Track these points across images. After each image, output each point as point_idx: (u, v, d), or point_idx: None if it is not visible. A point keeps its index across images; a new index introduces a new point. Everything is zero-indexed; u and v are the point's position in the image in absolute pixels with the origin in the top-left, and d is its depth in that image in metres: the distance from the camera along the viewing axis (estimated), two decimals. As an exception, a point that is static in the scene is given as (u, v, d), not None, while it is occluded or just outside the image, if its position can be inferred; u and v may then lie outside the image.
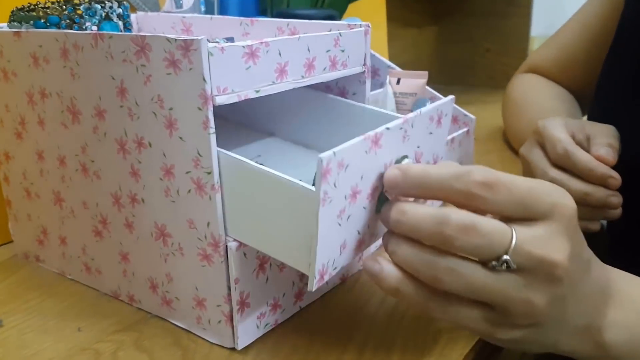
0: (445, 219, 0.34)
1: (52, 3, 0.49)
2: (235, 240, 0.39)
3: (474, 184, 0.34)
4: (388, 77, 0.70)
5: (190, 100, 0.37)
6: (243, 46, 0.38)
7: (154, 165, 0.41)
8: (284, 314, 0.45)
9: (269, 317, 0.44)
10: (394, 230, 0.37)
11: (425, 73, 0.68)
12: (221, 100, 0.37)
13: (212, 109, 0.37)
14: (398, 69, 0.74)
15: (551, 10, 1.42)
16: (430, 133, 0.44)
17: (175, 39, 0.36)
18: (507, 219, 0.35)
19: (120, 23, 0.51)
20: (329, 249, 0.36)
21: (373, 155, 0.37)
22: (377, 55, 0.75)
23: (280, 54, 0.41)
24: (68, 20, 0.48)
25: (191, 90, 0.37)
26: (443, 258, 0.35)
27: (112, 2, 0.50)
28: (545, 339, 0.37)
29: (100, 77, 0.42)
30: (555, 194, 0.35)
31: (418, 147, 0.43)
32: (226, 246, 0.39)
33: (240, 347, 0.42)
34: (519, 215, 0.34)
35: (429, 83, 0.71)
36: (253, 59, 0.39)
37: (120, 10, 0.50)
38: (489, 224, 0.34)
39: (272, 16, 0.77)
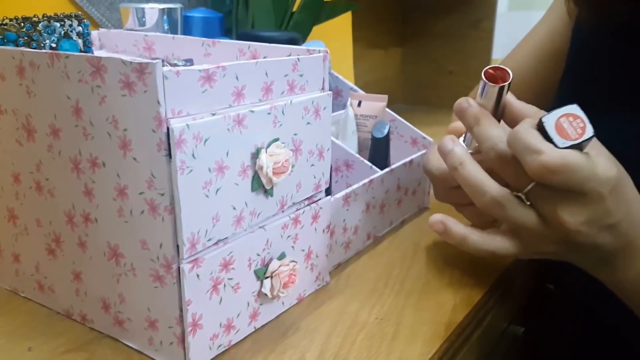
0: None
1: (10, 20, 0.48)
2: (188, 262, 0.40)
3: (539, 166, 0.41)
4: (350, 99, 0.71)
5: (144, 122, 0.37)
6: (199, 70, 0.39)
7: (108, 185, 0.41)
8: (238, 335, 0.45)
9: (222, 339, 0.44)
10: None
11: (385, 97, 0.70)
12: (176, 122, 0.37)
13: (166, 131, 0.37)
14: (360, 91, 0.76)
15: (512, 34, 1.46)
16: (309, 123, 0.48)
17: (131, 62, 0.37)
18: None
19: (80, 41, 0.51)
20: (197, 218, 0.39)
21: (238, 134, 0.41)
22: (340, 77, 0.76)
23: (237, 77, 0.42)
24: (26, 38, 0.48)
25: (146, 113, 0.37)
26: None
27: (72, 20, 0.50)
28: (564, 258, 0.48)
29: (55, 96, 0.42)
30: (595, 180, 0.42)
31: (295, 134, 0.47)
32: (179, 268, 0.39)
33: (192, 368, 0.42)
34: (561, 187, 0.42)
35: (394, 103, 0.73)
36: (209, 83, 0.40)
37: (80, 28, 0.50)
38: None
39: (236, 36, 0.78)
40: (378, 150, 0.67)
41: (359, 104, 0.71)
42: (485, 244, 0.47)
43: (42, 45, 0.48)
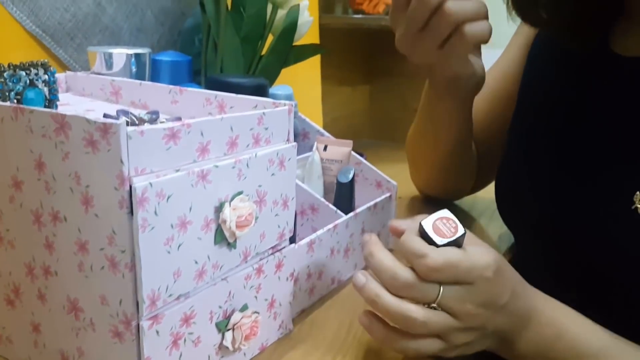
0: (396, 274, 0.46)
1: (-25, 68, 0.48)
2: (148, 318, 0.40)
3: (426, 269, 0.46)
4: (316, 143, 0.72)
5: (107, 179, 0.38)
6: (164, 129, 0.39)
7: (69, 239, 0.41)
8: (198, 388, 0.45)
9: (181, 393, 0.44)
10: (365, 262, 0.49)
11: (350, 142, 0.71)
12: (139, 180, 0.38)
13: (129, 189, 0.37)
14: (327, 134, 0.77)
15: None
16: (273, 175, 0.49)
17: (95, 122, 0.37)
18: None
19: (46, 89, 0.51)
20: (158, 274, 0.39)
21: (202, 189, 0.42)
22: (308, 120, 0.78)
23: (202, 133, 0.42)
24: (-10, 86, 0.48)
25: (109, 171, 0.37)
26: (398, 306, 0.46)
27: (37, 69, 0.50)
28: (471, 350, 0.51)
29: (19, 149, 0.42)
30: (477, 268, 0.47)
31: (260, 186, 0.47)
32: (138, 324, 0.39)
33: None
34: (450, 281, 0.46)
35: (361, 138, 0.74)
36: (174, 140, 0.40)
37: (46, 76, 0.51)
38: (424, 285, 0.46)
39: (205, 82, 0.79)
40: (343, 195, 0.68)
41: (325, 148, 0.72)
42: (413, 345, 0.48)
43: (7, 94, 0.48)
